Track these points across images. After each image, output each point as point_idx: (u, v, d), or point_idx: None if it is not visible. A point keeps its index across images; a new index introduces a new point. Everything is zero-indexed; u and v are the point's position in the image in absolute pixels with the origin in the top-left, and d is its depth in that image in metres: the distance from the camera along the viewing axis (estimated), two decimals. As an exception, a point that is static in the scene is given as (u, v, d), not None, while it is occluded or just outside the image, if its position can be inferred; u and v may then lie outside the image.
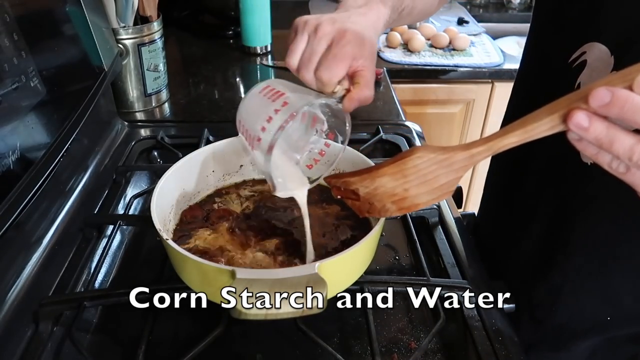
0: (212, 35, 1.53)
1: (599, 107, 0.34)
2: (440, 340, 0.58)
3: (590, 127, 0.35)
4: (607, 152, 0.35)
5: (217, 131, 0.90)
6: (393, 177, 0.50)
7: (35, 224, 0.64)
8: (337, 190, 0.57)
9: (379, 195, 0.52)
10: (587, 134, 0.35)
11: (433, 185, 0.48)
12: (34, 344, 0.54)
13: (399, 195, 0.50)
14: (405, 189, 0.50)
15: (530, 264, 0.65)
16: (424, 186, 0.48)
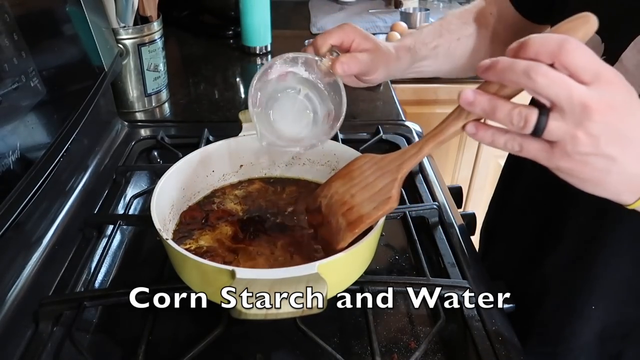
0: (212, 35, 1.54)
1: (482, 72, 0.38)
2: (440, 340, 0.58)
3: (475, 99, 0.39)
4: (492, 119, 0.39)
5: (217, 131, 0.90)
6: (343, 181, 0.53)
7: (35, 224, 0.64)
8: (310, 217, 0.59)
9: (334, 207, 0.54)
10: (474, 107, 0.39)
11: (373, 190, 0.51)
12: (34, 344, 0.54)
13: (348, 204, 0.53)
14: (352, 195, 0.52)
15: (525, 256, 0.68)
16: (366, 191, 0.51)
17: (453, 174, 1.65)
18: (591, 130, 0.35)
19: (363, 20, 1.64)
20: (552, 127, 0.36)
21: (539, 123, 0.36)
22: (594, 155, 0.37)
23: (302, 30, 1.57)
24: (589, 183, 0.39)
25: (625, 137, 0.36)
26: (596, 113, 0.35)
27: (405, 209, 0.73)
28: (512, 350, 0.54)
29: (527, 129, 0.37)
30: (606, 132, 0.36)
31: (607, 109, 0.35)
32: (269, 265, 0.59)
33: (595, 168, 0.37)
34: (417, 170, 0.84)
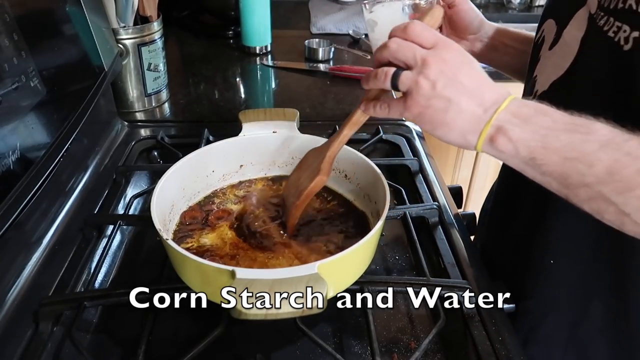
0: (212, 35, 1.53)
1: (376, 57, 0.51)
2: (440, 340, 0.58)
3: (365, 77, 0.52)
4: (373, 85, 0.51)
5: (217, 131, 0.90)
6: (296, 173, 0.64)
7: (35, 224, 0.64)
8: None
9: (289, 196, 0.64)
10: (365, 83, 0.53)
11: (310, 169, 0.62)
12: (34, 344, 0.54)
13: (296, 186, 0.63)
14: (298, 178, 0.63)
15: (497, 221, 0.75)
16: (306, 171, 0.62)
17: (453, 174, 1.65)
18: (429, 76, 0.46)
19: (363, 20, 1.64)
20: (403, 78, 0.48)
21: (395, 76, 0.48)
22: (433, 98, 0.46)
23: (302, 30, 1.57)
24: (437, 125, 0.47)
25: (458, 81, 0.46)
26: (432, 64, 0.47)
27: (405, 209, 0.73)
28: (512, 350, 0.54)
29: (387, 80, 0.49)
30: (441, 78, 0.46)
31: (441, 61, 0.47)
32: (268, 264, 0.59)
33: (437, 109, 0.47)
34: (417, 170, 0.84)
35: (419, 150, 0.91)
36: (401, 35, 0.49)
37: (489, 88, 0.47)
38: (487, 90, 0.47)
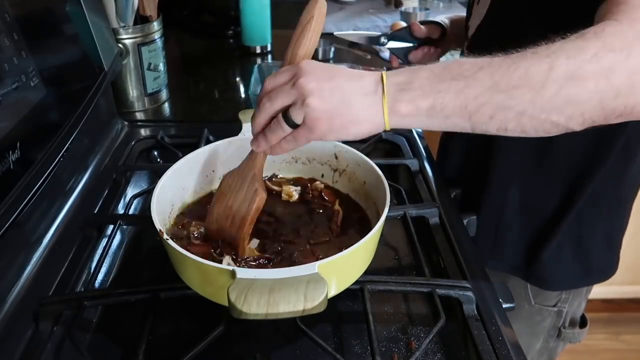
0: (212, 35, 1.53)
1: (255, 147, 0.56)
2: (440, 340, 0.58)
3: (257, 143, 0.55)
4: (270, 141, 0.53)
5: (217, 131, 0.90)
6: (219, 203, 0.61)
7: (35, 223, 0.64)
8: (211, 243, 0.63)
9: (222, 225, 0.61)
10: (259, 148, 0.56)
11: (242, 193, 0.60)
12: (34, 344, 0.54)
13: (230, 216, 0.60)
14: (229, 207, 0.60)
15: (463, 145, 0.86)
16: (238, 197, 0.60)
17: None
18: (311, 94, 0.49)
19: (363, 20, 1.64)
20: (292, 113, 0.50)
21: (286, 118, 0.51)
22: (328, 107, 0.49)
23: (302, 30, 1.57)
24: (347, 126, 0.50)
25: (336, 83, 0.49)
26: (305, 84, 0.49)
27: (405, 209, 0.73)
28: (512, 350, 0.54)
29: (284, 125, 0.51)
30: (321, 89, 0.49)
31: (310, 78, 0.49)
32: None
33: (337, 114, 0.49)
34: (418, 170, 0.84)
35: (419, 150, 0.90)
36: (263, 94, 0.52)
37: (362, 75, 0.51)
38: (362, 77, 0.51)
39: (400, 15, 1.61)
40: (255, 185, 0.59)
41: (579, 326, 0.89)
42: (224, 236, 0.61)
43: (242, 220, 0.59)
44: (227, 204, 0.61)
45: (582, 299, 0.87)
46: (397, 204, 0.78)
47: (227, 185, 0.62)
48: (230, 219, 0.60)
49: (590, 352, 1.80)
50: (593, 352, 1.80)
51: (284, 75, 0.52)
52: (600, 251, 0.80)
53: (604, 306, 1.93)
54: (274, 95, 0.51)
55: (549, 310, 0.85)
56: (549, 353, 0.91)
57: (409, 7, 1.65)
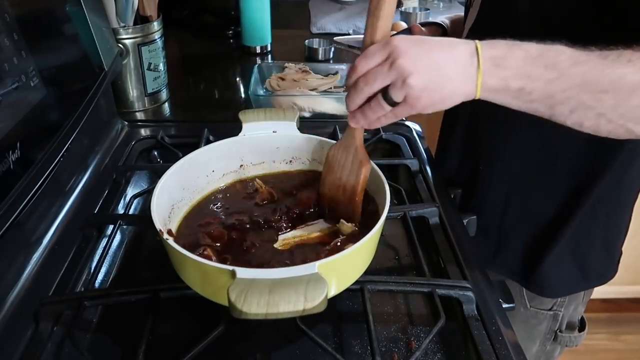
0: (212, 35, 1.53)
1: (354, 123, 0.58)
2: (440, 340, 0.58)
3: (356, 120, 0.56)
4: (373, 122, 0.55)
5: (217, 131, 0.90)
6: (330, 176, 0.66)
7: (35, 224, 0.64)
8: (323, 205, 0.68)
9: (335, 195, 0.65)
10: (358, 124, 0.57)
11: (348, 166, 0.63)
12: (34, 344, 0.54)
13: (341, 186, 0.64)
14: (340, 178, 0.64)
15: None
16: (346, 169, 0.64)
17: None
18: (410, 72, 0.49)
19: (363, 20, 1.63)
20: (392, 92, 0.51)
21: (386, 98, 0.51)
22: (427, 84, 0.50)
23: (302, 30, 1.57)
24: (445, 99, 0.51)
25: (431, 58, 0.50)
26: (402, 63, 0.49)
27: (405, 209, 0.73)
28: (512, 350, 0.54)
29: (385, 104, 0.52)
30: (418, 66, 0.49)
31: (406, 56, 0.50)
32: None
33: (436, 89, 0.50)
34: (417, 170, 0.84)
35: (419, 150, 0.90)
36: (358, 76, 0.53)
37: (455, 44, 0.52)
38: (456, 46, 0.51)
39: (401, 16, 1.61)
40: (359, 157, 0.62)
41: (578, 329, 0.89)
42: (338, 204, 0.65)
43: (353, 190, 0.63)
44: (336, 175, 0.65)
45: (579, 302, 0.86)
46: (397, 204, 0.78)
47: (333, 159, 0.65)
48: (342, 189, 0.64)
49: (590, 352, 1.80)
50: (593, 352, 1.80)
51: (378, 55, 0.51)
52: (599, 256, 0.80)
53: (604, 306, 1.93)
54: (372, 77, 0.51)
55: (545, 313, 0.84)
56: (546, 356, 0.91)
57: (409, 7, 1.65)
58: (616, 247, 0.82)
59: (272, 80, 1.08)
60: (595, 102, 0.49)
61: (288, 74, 1.10)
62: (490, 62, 0.50)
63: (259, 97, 1.03)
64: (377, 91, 0.52)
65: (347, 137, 0.63)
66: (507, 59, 0.50)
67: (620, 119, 0.49)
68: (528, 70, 0.49)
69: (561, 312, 0.84)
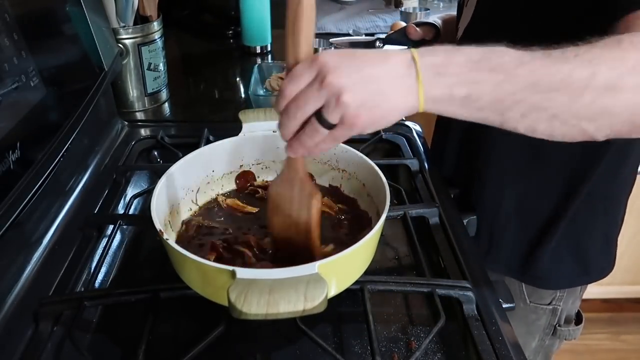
0: (212, 35, 1.54)
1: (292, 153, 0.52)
2: (440, 340, 0.58)
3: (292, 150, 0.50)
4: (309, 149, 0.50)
5: (217, 131, 0.90)
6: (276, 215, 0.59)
7: (35, 224, 0.64)
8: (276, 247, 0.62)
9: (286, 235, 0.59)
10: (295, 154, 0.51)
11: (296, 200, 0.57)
12: (34, 344, 0.54)
13: (293, 224, 0.58)
14: (288, 216, 0.58)
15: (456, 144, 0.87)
16: (294, 205, 0.57)
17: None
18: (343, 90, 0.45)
19: (363, 19, 1.64)
20: (326, 114, 0.46)
21: (321, 121, 0.46)
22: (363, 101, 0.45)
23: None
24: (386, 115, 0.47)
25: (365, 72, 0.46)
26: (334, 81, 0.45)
27: (405, 208, 0.73)
28: (512, 350, 0.54)
29: (321, 128, 0.47)
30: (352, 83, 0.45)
31: (337, 73, 0.45)
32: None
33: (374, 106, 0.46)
34: (417, 170, 0.84)
35: (419, 150, 0.90)
36: (288, 102, 0.48)
37: (389, 55, 0.47)
38: (389, 58, 0.47)
39: (400, 15, 1.61)
40: (306, 189, 0.56)
41: (575, 323, 0.90)
42: (295, 246, 0.59)
43: (307, 225, 0.57)
44: (285, 213, 0.58)
45: (576, 296, 0.87)
46: (397, 204, 0.78)
47: (277, 196, 0.59)
48: (294, 227, 0.58)
49: (590, 352, 1.80)
50: (593, 352, 1.80)
51: (306, 75, 0.47)
52: (598, 250, 0.80)
53: (604, 306, 1.93)
54: (302, 100, 0.47)
55: (544, 308, 0.85)
56: (545, 351, 0.91)
57: (409, 7, 1.65)
58: (614, 240, 0.83)
59: (272, 80, 1.08)
60: (547, 103, 0.45)
61: None
62: (430, 70, 0.46)
63: (259, 97, 1.03)
64: (311, 115, 0.47)
65: (289, 169, 0.57)
66: (448, 66, 0.46)
67: (574, 118, 0.46)
68: (472, 76, 0.45)
69: (560, 306, 0.85)
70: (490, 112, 0.47)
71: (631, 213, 1.05)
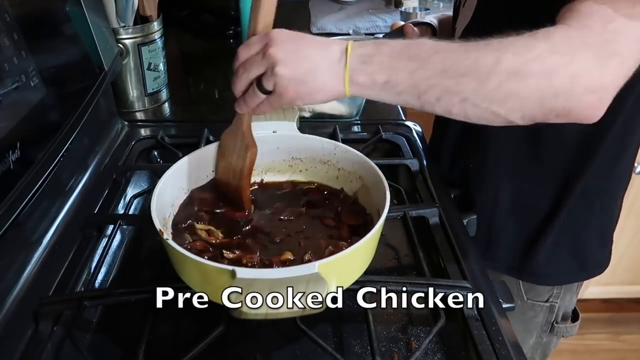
0: (212, 35, 1.54)
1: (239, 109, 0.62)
2: (440, 340, 0.58)
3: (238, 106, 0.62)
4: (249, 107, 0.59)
5: (217, 131, 0.89)
6: (220, 160, 0.69)
7: (35, 224, 0.64)
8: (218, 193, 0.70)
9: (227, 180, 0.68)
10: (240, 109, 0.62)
11: (235, 150, 0.66)
12: (34, 344, 0.54)
13: (231, 170, 0.67)
14: (229, 162, 0.67)
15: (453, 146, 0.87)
16: (234, 152, 0.67)
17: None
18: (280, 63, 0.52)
19: (363, 19, 1.64)
20: (264, 81, 0.54)
21: (259, 86, 0.55)
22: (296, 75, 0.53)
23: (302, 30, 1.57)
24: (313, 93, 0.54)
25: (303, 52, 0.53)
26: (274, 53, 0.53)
27: (405, 209, 0.73)
28: (512, 350, 0.54)
29: (258, 93, 0.56)
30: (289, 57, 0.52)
31: (279, 47, 0.53)
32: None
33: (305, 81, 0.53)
34: (418, 170, 0.84)
35: (419, 150, 0.90)
36: (239, 64, 0.56)
37: (330, 43, 0.54)
38: (330, 45, 0.54)
39: (400, 15, 1.61)
40: (245, 142, 0.65)
41: (571, 320, 0.90)
42: (229, 189, 0.68)
43: (241, 173, 0.66)
44: (227, 160, 0.67)
45: (573, 293, 0.87)
46: (397, 204, 0.78)
47: (224, 145, 0.68)
48: (232, 173, 0.67)
49: (590, 352, 1.80)
50: (593, 352, 1.80)
51: (256, 45, 0.55)
52: (595, 246, 0.81)
53: (604, 306, 1.93)
54: (248, 65, 0.55)
55: (542, 305, 0.85)
56: (542, 349, 0.92)
57: (409, 7, 1.65)
58: (610, 236, 0.83)
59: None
60: (457, 87, 0.50)
61: None
62: (358, 59, 0.52)
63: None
64: (254, 79, 0.55)
65: (236, 122, 0.66)
66: (373, 56, 0.52)
67: (484, 101, 0.50)
68: (392, 64, 0.51)
69: (557, 303, 0.85)
70: (408, 96, 0.52)
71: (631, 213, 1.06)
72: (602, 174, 0.74)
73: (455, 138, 0.85)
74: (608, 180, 0.76)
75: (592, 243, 0.80)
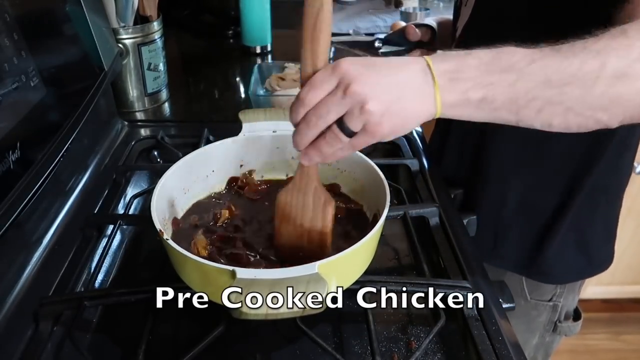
0: (212, 35, 1.53)
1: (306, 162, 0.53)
2: (440, 340, 0.58)
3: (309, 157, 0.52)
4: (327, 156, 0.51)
5: (217, 131, 0.90)
6: (284, 224, 0.59)
7: (35, 224, 0.64)
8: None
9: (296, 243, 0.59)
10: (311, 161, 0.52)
11: (309, 207, 0.57)
12: (34, 344, 0.54)
13: (305, 233, 0.58)
14: (299, 225, 0.58)
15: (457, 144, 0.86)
16: (307, 213, 0.58)
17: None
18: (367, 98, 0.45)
19: (363, 19, 1.64)
20: (349, 121, 0.46)
21: (343, 129, 0.47)
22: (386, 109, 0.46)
23: (302, 30, 1.57)
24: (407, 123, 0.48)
25: (384, 80, 0.46)
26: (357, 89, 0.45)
27: (405, 209, 0.73)
28: (512, 350, 0.54)
29: (342, 136, 0.47)
30: (373, 90, 0.45)
31: (359, 80, 0.45)
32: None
33: (395, 114, 0.46)
34: (418, 170, 0.84)
35: (419, 150, 0.90)
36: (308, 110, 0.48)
37: (406, 63, 0.48)
38: (407, 65, 0.48)
39: (400, 15, 1.61)
40: (322, 198, 0.57)
41: (573, 319, 0.91)
42: (302, 255, 0.59)
43: (322, 234, 0.58)
44: (296, 223, 0.58)
45: (575, 292, 0.88)
46: (397, 204, 0.78)
47: (287, 205, 0.58)
48: (307, 236, 0.58)
49: (590, 352, 1.80)
50: (593, 352, 1.80)
51: (327, 84, 0.47)
52: (600, 242, 0.81)
53: (604, 306, 1.93)
54: (324, 108, 0.47)
55: (545, 305, 0.86)
56: (545, 348, 0.92)
57: (409, 7, 1.65)
58: (614, 232, 0.83)
59: (272, 80, 1.08)
60: (561, 97, 0.46)
61: (288, 74, 1.10)
62: (445, 76, 0.47)
63: (259, 97, 1.03)
64: (332, 123, 0.47)
65: (301, 178, 0.57)
66: (461, 71, 0.47)
67: (588, 109, 0.47)
68: (486, 78, 0.46)
69: (560, 302, 0.85)
70: (505, 111, 0.47)
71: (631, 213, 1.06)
72: (608, 170, 0.74)
73: (460, 137, 0.85)
74: (613, 175, 0.76)
75: (597, 239, 0.81)
